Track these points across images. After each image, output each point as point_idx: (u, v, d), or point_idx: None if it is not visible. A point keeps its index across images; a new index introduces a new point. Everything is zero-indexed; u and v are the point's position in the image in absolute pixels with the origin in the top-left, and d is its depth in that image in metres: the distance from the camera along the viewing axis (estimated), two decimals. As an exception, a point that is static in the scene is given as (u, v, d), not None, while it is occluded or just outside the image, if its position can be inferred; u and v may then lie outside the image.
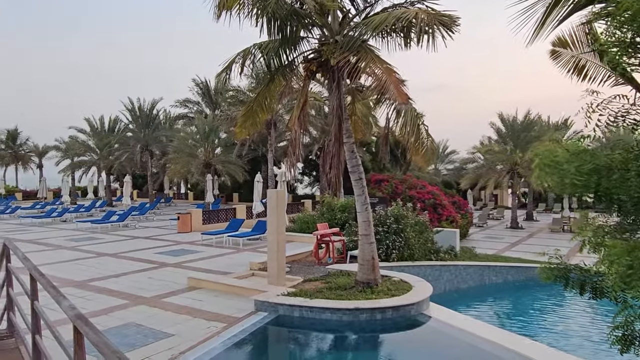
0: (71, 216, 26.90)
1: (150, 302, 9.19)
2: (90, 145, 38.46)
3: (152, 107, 36.53)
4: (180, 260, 13.64)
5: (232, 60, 9.94)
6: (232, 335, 7.41)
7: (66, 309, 2.72)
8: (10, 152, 47.35)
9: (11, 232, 20.93)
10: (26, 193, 44.34)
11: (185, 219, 20.43)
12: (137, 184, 45.46)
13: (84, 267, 12.77)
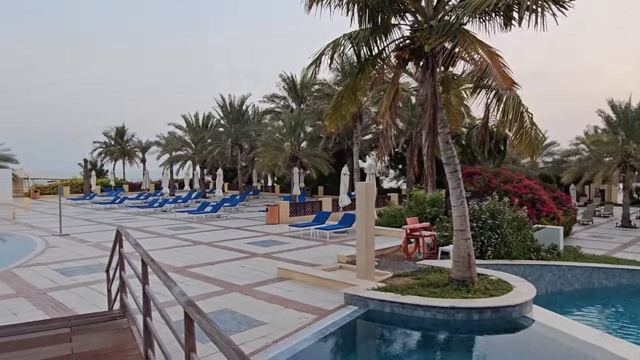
0: (170, 206, 28.89)
1: (242, 290, 9.48)
2: (186, 140, 41.05)
3: (241, 103, 38.05)
4: (269, 251, 13.99)
5: (321, 52, 9.87)
6: (322, 328, 7.38)
7: (177, 295, 2.76)
8: (118, 148, 52.04)
9: (121, 220, 22.92)
10: (132, 185, 48.46)
11: (273, 211, 20.98)
12: (228, 176, 47.73)
13: (182, 254, 13.56)
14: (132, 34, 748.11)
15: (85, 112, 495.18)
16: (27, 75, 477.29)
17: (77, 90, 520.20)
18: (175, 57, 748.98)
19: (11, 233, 18.97)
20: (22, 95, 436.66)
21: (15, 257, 13.39)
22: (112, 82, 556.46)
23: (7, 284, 10.16)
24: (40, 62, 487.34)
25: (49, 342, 4.61)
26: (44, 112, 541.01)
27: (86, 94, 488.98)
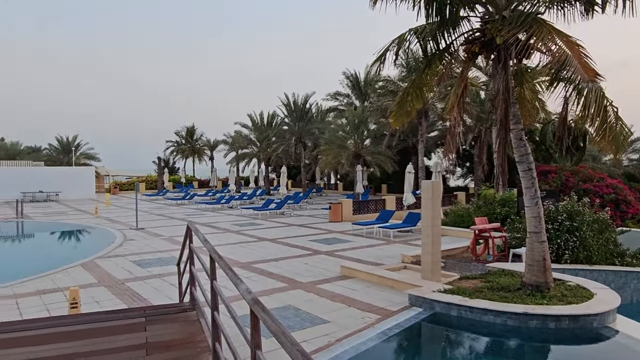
0: (236, 203, 29.82)
1: (306, 287, 9.54)
2: (252, 139, 42.20)
3: (305, 101, 38.48)
4: (332, 249, 14.01)
5: (385, 48, 9.70)
6: (386, 329, 7.25)
7: (244, 293, 2.79)
8: (188, 146, 54.62)
9: (190, 215, 24.00)
10: (201, 182, 50.66)
11: (337, 209, 21.01)
12: (292, 174, 48.54)
13: (247, 249, 13.93)
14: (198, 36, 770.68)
15: (160, 111, 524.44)
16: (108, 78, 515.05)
17: (152, 90, 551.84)
18: (240, 55, 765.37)
19: (94, 226, 20.46)
20: (103, 96, 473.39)
21: (97, 248, 14.41)
22: (183, 82, 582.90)
23: (91, 273, 10.95)
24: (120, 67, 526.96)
25: (125, 331, 4.87)
26: (122, 113, 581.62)
27: (160, 94, 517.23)
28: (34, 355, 4.25)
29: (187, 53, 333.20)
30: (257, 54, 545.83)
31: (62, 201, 35.17)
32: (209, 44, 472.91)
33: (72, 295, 6.83)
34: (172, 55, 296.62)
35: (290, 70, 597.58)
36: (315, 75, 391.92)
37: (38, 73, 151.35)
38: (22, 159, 48.42)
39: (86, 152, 53.74)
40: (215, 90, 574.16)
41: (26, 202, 31.77)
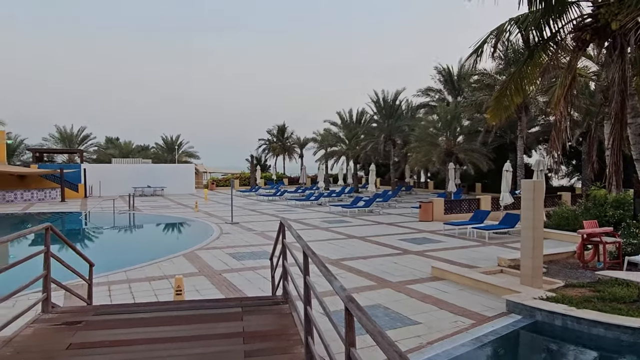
0: (325, 200, 30.27)
1: (395, 287, 9.39)
2: (341, 137, 42.56)
3: (395, 97, 37.92)
4: (423, 249, 13.65)
5: (483, 40, 9.23)
6: (481, 335, 6.89)
7: (338, 290, 2.78)
8: (279, 144, 56.47)
9: (281, 211, 24.81)
10: (291, 179, 52.17)
11: (427, 208, 20.45)
12: (380, 172, 48.18)
13: (336, 246, 14.04)
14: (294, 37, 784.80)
15: (254, 110, 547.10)
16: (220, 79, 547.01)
17: (249, 90, 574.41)
18: (330, 53, 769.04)
19: (194, 219, 21.95)
20: (203, 96, 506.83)
21: (197, 240, 15.43)
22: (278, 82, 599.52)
23: (192, 263, 11.74)
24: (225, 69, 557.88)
25: (224, 319, 5.13)
26: (219, 112, 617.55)
27: (256, 93, 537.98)
28: (143, 335, 4.63)
29: (283, 54, 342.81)
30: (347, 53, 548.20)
31: (166, 195, 38.23)
32: (304, 45, 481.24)
33: (177, 283, 7.36)
34: (268, 56, 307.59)
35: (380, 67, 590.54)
36: (406, 71, 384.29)
37: (148, 74, 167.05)
38: (134, 156, 53.42)
39: (187, 151, 57.94)
40: (307, 89, 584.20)
41: (136, 196, 34.94)
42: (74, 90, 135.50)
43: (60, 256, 5.71)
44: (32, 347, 4.29)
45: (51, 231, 5.26)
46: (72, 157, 47.42)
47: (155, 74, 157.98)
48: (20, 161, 48.09)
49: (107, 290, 9.16)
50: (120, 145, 58.58)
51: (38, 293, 7.71)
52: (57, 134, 52.94)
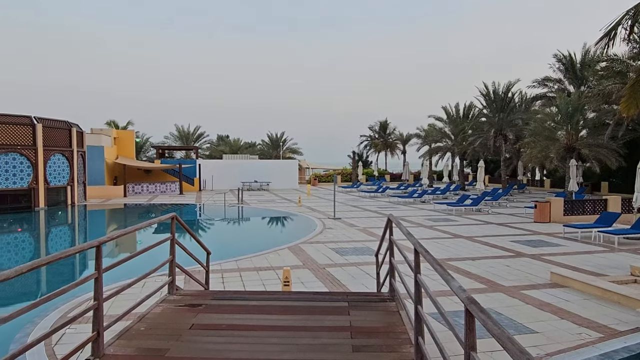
0: (429, 197, 29.39)
1: (508, 292, 8.77)
2: (446, 132, 40.99)
3: (507, 89, 35.50)
4: (539, 252, 12.60)
5: (616, 22, 8.20)
6: (611, 350, 6.13)
7: (457, 290, 2.62)
8: (381, 140, 56.06)
9: (383, 208, 24.60)
10: (393, 175, 51.53)
11: (543, 208, 18.86)
12: (489, 169, 45.58)
13: (441, 246, 13.53)
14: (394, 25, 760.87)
15: (356, 107, 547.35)
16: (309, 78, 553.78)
17: (348, 87, 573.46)
18: (433, 46, 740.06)
19: (297, 214, 22.64)
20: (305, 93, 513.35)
21: (301, 234, 15.88)
22: (377, 76, 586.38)
23: (296, 256, 12.10)
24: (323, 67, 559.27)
25: (331, 312, 5.17)
26: (321, 108, 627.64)
27: (356, 90, 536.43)
28: (256, 322, 4.83)
29: (383, 44, 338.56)
30: (454, 44, 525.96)
31: (271, 190, 39.98)
32: (402, 38, 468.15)
33: (285, 274, 7.60)
34: (370, 48, 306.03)
35: (490, 58, 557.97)
36: (519, 61, 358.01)
37: (254, 74, 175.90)
38: (242, 153, 56.69)
39: (291, 147, 60.01)
40: (409, 84, 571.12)
41: (244, 190, 37.01)
42: (189, 91, 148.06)
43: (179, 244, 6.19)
44: (161, 325, 4.70)
45: (176, 220, 5.71)
46: (189, 153, 51.67)
47: (260, 74, 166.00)
48: (146, 157, 53.60)
49: (221, 277, 9.78)
50: (230, 143, 62.50)
51: (162, 276, 8.48)
52: (176, 132, 58.09)
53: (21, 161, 24.46)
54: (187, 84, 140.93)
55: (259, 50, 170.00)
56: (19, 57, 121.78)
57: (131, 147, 40.35)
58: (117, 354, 3.99)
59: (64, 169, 27.04)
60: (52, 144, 26.11)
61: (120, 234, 4.53)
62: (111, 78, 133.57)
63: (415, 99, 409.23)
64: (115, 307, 7.04)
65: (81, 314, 3.85)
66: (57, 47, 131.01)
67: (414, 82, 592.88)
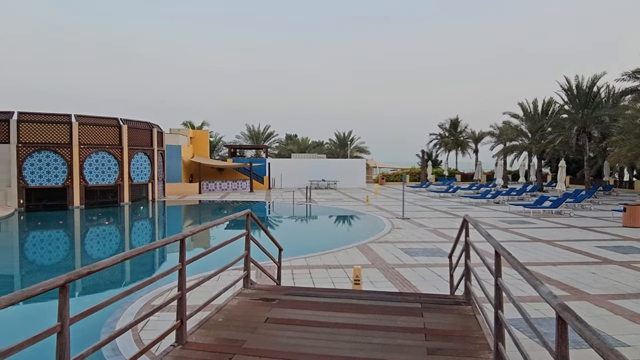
0: (503, 198, 28.06)
1: (594, 300, 8.15)
2: (523, 130, 38.89)
3: (591, 84, 33.00)
4: (630, 259, 11.59)
5: None
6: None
7: (547, 297, 2.47)
8: (452, 139, 54.36)
9: (454, 209, 23.84)
10: (464, 175, 49.80)
11: (635, 212, 17.33)
12: (570, 169, 42.70)
13: (518, 249, 12.85)
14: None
15: (424, 106, 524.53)
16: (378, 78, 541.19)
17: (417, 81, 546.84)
18: (511, 39, 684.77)
19: (365, 213, 22.54)
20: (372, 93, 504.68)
21: (369, 233, 15.79)
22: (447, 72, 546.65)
23: (365, 255, 12.05)
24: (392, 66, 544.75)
25: (404, 313, 5.09)
26: (389, 108, 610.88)
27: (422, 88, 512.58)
28: (328, 319, 4.86)
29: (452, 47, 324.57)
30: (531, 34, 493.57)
31: (339, 189, 40.12)
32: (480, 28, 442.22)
33: (356, 273, 7.59)
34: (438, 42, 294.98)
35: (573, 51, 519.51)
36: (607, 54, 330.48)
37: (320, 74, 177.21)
38: (310, 152, 57.40)
39: (358, 146, 59.84)
40: (482, 79, 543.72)
41: (312, 189, 37.47)
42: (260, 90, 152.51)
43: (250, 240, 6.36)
44: (237, 317, 4.87)
45: (251, 217, 5.90)
46: (259, 152, 53.22)
47: (327, 73, 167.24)
48: (219, 156, 55.89)
49: (291, 274, 9.97)
50: (298, 142, 63.54)
51: (235, 270, 8.79)
52: (247, 131, 60.04)
53: (109, 159, 26.45)
54: (257, 83, 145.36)
55: (324, 49, 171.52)
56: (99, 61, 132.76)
57: (206, 146, 42.29)
58: (198, 342, 4.18)
59: (145, 167, 28.88)
60: (136, 144, 27.99)
61: (202, 229, 4.75)
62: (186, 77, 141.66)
63: (488, 96, 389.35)
64: (193, 298, 7.41)
65: (167, 302, 4.08)
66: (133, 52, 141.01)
67: (486, 77, 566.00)
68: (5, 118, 23.32)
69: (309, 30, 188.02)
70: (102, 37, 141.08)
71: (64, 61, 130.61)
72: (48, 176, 24.09)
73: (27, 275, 12.62)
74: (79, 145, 24.84)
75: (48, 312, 7.56)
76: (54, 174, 24.27)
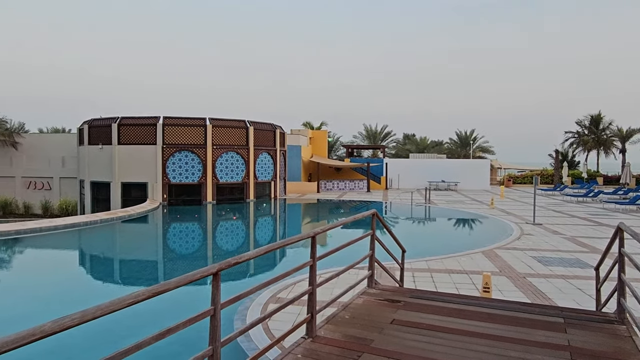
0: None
1: None
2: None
3: None
4: None
5: None
6: None
7: None
8: (592, 137, 48.63)
9: (595, 215, 21.34)
10: (607, 178, 44.35)
11: None
12: None
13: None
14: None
15: (556, 101, 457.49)
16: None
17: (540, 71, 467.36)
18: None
19: (489, 217, 21.22)
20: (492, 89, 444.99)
21: (495, 238, 14.82)
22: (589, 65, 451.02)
23: (491, 261, 11.32)
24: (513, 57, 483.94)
25: (543, 327, 4.65)
26: (514, 105, 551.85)
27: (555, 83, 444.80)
28: (458, 326, 4.62)
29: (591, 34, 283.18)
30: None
31: (460, 191, 38.38)
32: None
33: (485, 280, 7.16)
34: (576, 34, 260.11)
35: None
36: None
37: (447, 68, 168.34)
38: (428, 152, 55.80)
39: (481, 145, 56.67)
40: (631, 73, 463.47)
41: (431, 190, 36.38)
42: (376, 90, 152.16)
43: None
44: (363, 315, 4.88)
45: (376, 217, 5.87)
46: (376, 152, 53.18)
47: (447, 71, 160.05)
48: (336, 156, 57.09)
49: (412, 276, 9.76)
50: (417, 141, 62.14)
51: (357, 269, 8.87)
52: (364, 131, 60.40)
53: (237, 159, 28.54)
54: (375, 84, 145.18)
55: (446, 44, 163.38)
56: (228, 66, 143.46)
57: (324, 146, 43.50)
58: (327, 337, 4.27)
59: (269, 166, 30.62)
60: (261, 144, 29.81)
61: (331, 227, 4.85)
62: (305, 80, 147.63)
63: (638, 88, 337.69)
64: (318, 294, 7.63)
65: (299, 296, 4.23)
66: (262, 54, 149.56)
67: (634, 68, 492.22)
68: (153, 122, 26.44)
69: (433, 27, 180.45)
70: (228, 50, 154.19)
71: (197, 69, 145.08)
72: (186, 174, 26.77)
73: (169, 262, 14.17)
74: (212, 145, 27.20)
75: (182, 296, 8.38)
76: (191, 172, 26.89)
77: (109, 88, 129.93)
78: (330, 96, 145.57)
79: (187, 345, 5.97)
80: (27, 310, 8.73)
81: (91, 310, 1.97)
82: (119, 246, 16.93)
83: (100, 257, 14.79)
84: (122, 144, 26.33)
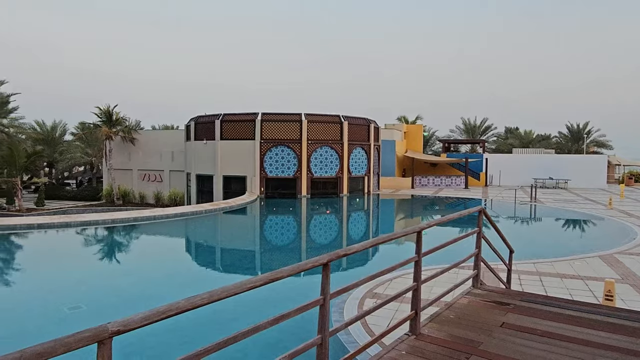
0: None
1: None
2: None
3: None
4: None
5: None
6: None
7: None
8: None
9: None
10: None
11: None
12: None
13: None
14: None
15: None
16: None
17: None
18: None
19: (606, 218, 19.22)
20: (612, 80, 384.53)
21: (615, 242, 13.40)
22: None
23: (611, 267, 10.24)
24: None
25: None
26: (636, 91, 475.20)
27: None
28: (576, 335, 4.21)
29: None
30: None
31: (571, 189, 35.23)
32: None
33: (608, 287, 6.49)
34: None
35: None
36: None
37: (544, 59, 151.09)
38: (534, 146, 51.96)
39: (597, 140, 51.56)
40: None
41: (537, 188, 33.87)
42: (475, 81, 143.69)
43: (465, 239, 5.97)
44: (469, 316, 4.65)
45: (483, 214, 5.55)
46: (474, 147, 50.66)
47: (556, 58, 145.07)
48: (431, 151, 55.44)
49: (518, 279, 9.15)
50: (520, 135, 58.19)
51: (461, 269, 8.48)
52: (462, 125, 57.84)
53: (331, 154, 28.89)
54: (473, 75, 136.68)
55: (556, 31, 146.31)
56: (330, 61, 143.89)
57: (419, 141, 42.44)
58: (432, 335, 4.12)
59: (363, 161, 30.59)
60: (354, 139, 29.86)
61: (436, 222, 4.68)
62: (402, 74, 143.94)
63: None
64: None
65: (402, 292, 4.13)
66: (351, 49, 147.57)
67: None
68: (252, 118, 27.69)
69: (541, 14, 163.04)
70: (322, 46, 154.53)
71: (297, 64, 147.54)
72: (282, 168, 27.69)
73: (266, 253, 14.77)
74: (307, 140, 27.82)
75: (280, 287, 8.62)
76: (287, 166, 27.76)
77: (211, 93, 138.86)
78: (424, 89, 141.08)
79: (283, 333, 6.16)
80: (155, 291, 9.65)
81: (217, 291, 2.07)
82: (220, 235, 18.04)
83: (204, 245, 15.88)
84: (224, 139, 27.95)
